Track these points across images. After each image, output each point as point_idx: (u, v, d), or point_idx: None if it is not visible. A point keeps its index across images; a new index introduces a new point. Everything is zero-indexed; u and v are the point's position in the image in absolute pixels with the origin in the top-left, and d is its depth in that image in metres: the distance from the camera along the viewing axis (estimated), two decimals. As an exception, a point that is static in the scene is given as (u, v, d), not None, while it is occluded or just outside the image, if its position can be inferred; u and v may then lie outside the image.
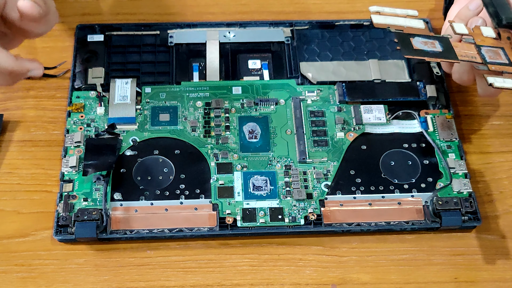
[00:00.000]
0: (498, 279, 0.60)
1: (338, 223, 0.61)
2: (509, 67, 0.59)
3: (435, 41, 0.60)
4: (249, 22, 0.75)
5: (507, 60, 0.60)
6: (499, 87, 0.57)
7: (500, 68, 0.59)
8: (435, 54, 0.59)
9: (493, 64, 0.59)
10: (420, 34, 0.60)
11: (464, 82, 0.64)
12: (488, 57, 0.60)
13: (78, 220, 0.59)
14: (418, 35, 0.60)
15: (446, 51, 0.60)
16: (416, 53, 0.59)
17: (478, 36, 0.61)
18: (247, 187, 0.63)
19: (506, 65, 0.59)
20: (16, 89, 0.69)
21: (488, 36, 0.61)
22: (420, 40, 0.60)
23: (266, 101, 0.68)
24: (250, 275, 0.59)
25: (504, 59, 0.60)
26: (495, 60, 0.60)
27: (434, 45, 0.60)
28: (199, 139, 0.66)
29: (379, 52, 0.72)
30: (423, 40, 0.60)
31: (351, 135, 0.66)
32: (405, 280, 0.59)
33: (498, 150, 0.67)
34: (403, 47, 0.59)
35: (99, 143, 0.64)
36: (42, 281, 0.58)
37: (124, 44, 0.72)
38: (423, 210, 0.62)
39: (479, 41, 0.61)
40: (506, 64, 0.59)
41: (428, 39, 0.60)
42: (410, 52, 0.59)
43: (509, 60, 0.60)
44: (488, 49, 0.60)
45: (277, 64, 0.72)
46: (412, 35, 0.60)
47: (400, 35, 0.60)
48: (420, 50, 0.59)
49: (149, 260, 0.60)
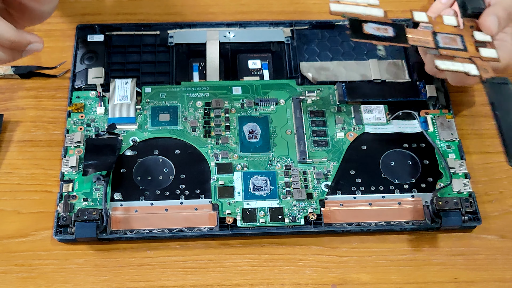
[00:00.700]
0: (498, 279, 0.60)
1: (338, 223, 0.61)
2: (462, 52, 0.60)
3: (389, 27, 0.60)
4: (249, 22, 0.75)
5: (462, 46, 0.60)
6: (443, 69, 0.58)
7: (451, 52, 0.60)
8: (385, 38, 0.60)
9: (445, 49, 0.60)
10: (375, 21, 0.61)
11: (436, 74, 0.65)
12: (442, 42, 0.60)
13: (78, 220, 0.59)
14: (372, 22, 0.61)
15: (398, 36, 0.60)
16: (364, 37, 0.59)
17: (439, 24, 0.62)
18: (247, 187, 0.63)
19: (459, 50, 0.60)
20: (16, 89, 0.69)
21: (449, 24, 0.62)
22: (373, 26, 0.60)
23: (266, 101, 0.68)
24: (250, 275, 0.59)
25: (459, 45, 0.60)
26: (449, 45, 0.60)
27: (387, 31, 0.60)
28: (199, 139, 0.66)
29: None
30: (376, 26, 0.60)
31: (351, 135, 0.66)
32: (405, 280, 0.59)
33: (498, 150, 0.67)
34: (353, 31, 0.59)
35: (99, 143, 0.64)
36: (42, 281, 0.58)
37: (124, 44, 0.72)
38: (423, 210, 0.62)
39: (438, 28, 0.61)
40: (460, 49, 0.60)
41: (382, 25, 0.60)
42: (358, 36, 0.59)
43: (464, 47, 0.60)
44: (445, 36, 0.61)
45: (277, 64, 0.72)
46: (366, 21, 0.60)
47: (352, 21, 0.60)
48: (369, 35, 0.59)
49: (149, 260, 0.60)
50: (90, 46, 0.71)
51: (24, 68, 0.70)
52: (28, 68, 0.70)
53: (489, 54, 0.60)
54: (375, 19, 0.61)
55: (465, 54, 0.60)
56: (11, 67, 0.69)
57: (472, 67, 0.59)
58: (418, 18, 0.62)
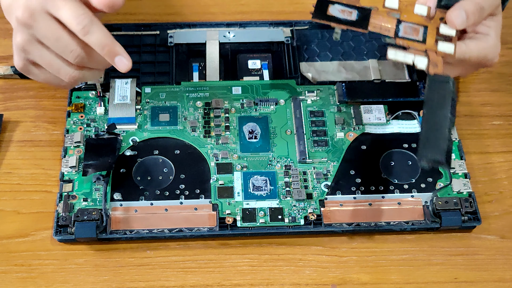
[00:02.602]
0: (498, 279, 0.60)
1: (338, 223, 0.61)
2: (419, 44, 0.60)
3: (354, 11, 0.61)
4: (249, 22, 0.75)
5: (422, 38, 0.60)
6: (391, 59, 0.59)
7: (407, 43, 0.60)
8: (346, 22, 0.60)
9: (403, 39, 0.60)
10: (342, 3, 0.61)
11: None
12: (403, 32, 0.61)
13: (78, 220, 0.59)
14: (339, 3, 0.61)
15: (360, 21, 0.60)
16: (325, 18, 0.60)
17: (407, 12, 0.62)
18: (247, 187, 0.63)
19: (416, 42, 0.60)
20: (16, 89, 0.69)
21: (419, 13, 0.62)
22: (339, 7, 0.61)
23: (266, 101, 0.68)
24: (250, 275, 0.59)
25: (419, 37, 0.60)
26: (409, 36, 0.60)
27: (351, 14, 0.61)
28: (199, 139, 0.66)
29: (379, 52, 0.72)
30: (342, 8, 0.61)
31: (351, 135, 0.66)
32: (405, 280, 0.59)
33: (498, 150, 0.67)
34: (316, 11, 0.60)
35: (99, 143, 0.64)
36: (42, 281, 0.58)
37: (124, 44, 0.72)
38: (423, 210, 0.62)
39: (405, 17, 0.61)
40: (418, 41, 0.60)
41: (348, 8, 0.61)
42: (318, 16, 0.60)
43: (424, 39, 0.60)
44: (409, 26, 0.61)
45: (277, 64, 0.72)
46: (334, 2, 0.61)
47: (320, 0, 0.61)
48: (331, 16, 0.60)
49: (149, 260, 0.60)
50: (90, 46, 0.71)
51: (24, 68, 0.70)
52: (28, 68, 0.70)
53: (445, 48, 0.60)
54: (349, 1, 0.61)
55: (421, 46, 0.60)
56: (11, 67, 0.69)
57: (422, 60, 0.59)
58: (388, 4, 0.62)
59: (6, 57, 0.71)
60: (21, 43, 0.59)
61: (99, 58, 0.58)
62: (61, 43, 0.57)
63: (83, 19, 0.56)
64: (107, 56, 0.58)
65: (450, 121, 0.56)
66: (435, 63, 0.59)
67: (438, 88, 0.57)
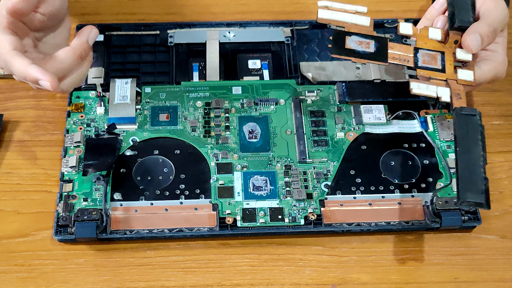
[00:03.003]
0: (498, 279, 0.60)
1: (338, 223, 0.61)
2: (439, 73, 0.61)
3: (371, 41, 0.61)
4: (249, 22, 0.75)
5: (441, 65, 0.61)
6: (416, 93, 0.59)
7: (428, 73, 0.60)
8: (366, 55, 0.60)
9: (423, 69, 0.61)
10: (359, 33, 0.61)
11: None
12: (422, 61, 0.61)
13: (78, 220, 0.59)
14: (356, 34, 0.61)
15: (378, 52, 0.61)
16: (344, 53, 0.60)
17: (422, 38, 0.62)
18: (247, 187, 0.63)
19: (436, 71, 0.60)
20: (16, 89, 0.69)
21: (433, 38, 0.62)
22: (356, 39, 0.61)
23: (266, 101, 0.68)
24: (250, 275, 0.59)
25: (438, 65, 0.61)
26: (428, 65, 0.61)
27: (369, 46, 0.61)
28: (199, 139, 0.66)
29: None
30: (359, 40, 0.61)
31: (351, 135, 0.66)
32: (405, 280, 0.59)
33: (498, 150, 0.67)
34: (334, 45, 0.60)
35: (99, 143, 0.64)
36: (42, 281, 0.58)
37: (124, 44, 0.72)
38: (423, 210, 0.62)
39: (421, 43, 0.62)
40: (438, 70, 0.60)
41: (365, 38, 0.61)
42: (338, 52, 0.60)
43: (443, 66, 0.61)
44: (426, 53, 0.61)
45: (277, 64, 0.72)
46: (350, 33, 0.61)
47: (337, 33, 0.61)
48: (350, 50, 0.60)
49: (149, 260, 0.60)
50: (90, 46, 0.71)
51: (24, 68, 0.70)
52: (28, 68, 0.70)
53: (466, 77, 0.60)
54: (361, 29, 0.61)
55: (442, 76, 0.60)
56: (11, 67, 0.69)
57: (445, 91, 0.59)
58: (403, 30, 0.62)
59: (6, 57, 0.71)
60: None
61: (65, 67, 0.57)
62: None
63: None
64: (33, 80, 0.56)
65: (483, 157, 0.56)
66: (457, 93, 0.59)
67: (466, 122, 0.58)
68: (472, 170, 0.55)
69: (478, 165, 0.56)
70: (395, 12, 0.76)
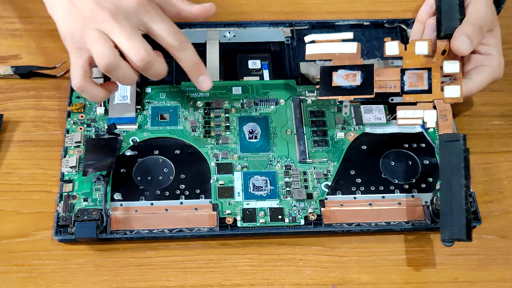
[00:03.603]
0: (498, 279, 0.60)
1: (338, 223, 0.61)
2: (426, 95, 0.61)
3: (357, 72, 0.62)
4: (249, 22, 0.75)
5: (427, 85, 0.61)
6: (401, 124, 0.61)
7: (415, 97, 0.61)
8: (351, 90, 0.62)
9: (409, 94, 0.61)
10: (345, 66, 0.62)
11: None
12: (408, 83, 0.61)
13: (78, 220, 0.59)
14: (343, 67, 0.62)
15: (365, 84, 0.62)
16: (332, 92, 0.62)
17: (409, 56, 0.62)
18: (247, 187, 0.63)
19: (423, 93, 0.61)
20: (16, 89, 0.69)
21: (420, 53, 0.62)
22: (342, 73, 0.62)
23: (266, 101, 0.68)
24: (250, 275, 0.59)
25: (425, 85, 0.61)
26: (414, 87, 0.61)
27: (355, 78, 0.62)
28: (199, 139, 0.66)
29: (379, 52, 0.72)
30: (345, 73, 0.62)
31: (351, 135, 0.66)
32: (405, 280, 0.59)
33: (498, 150, 0.67)
34: (322, 86, 0.62)
35: (99, 143, 0.64)
36: (42, 281, 0.58)
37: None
38: (423, 210, 0.62)
39: (407, 62, 0.62)
40: (424, 91, 0.61)
41: (352, 70, 0.62)
42: (325, 93, 0.62)
43: (429, 86, 0.61)
44: (413, 73, 0.62)
45: (277, 64, 0.72)
46: (337, 67, 0.62)
47: (323, 71, 0.62)
48: (337, 88, 0.62)
49: (149, 260, 0.60)
50: (90, 46, 0.71)
51: (24, 68, 0.70)
52: (28, 68, 0.70)
53: (452, 94, 0.61)
54: (350, 58, 0.62)
55: (428, 98, 0.61)
56: (11, 67, 0.69)
57: (432, 115, 0.60)
58: (389, 51, 0.62)
59: (6, 57, 0.71)
60: (105, 53, 0.58)
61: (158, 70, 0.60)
62: (133, 44, 0.58)
63: (180, 36, 0.60)
64: (193, 73, 0.62)
65: (465, 186, 0.56)
66: (444, 115, 0.59)
67: (449, 150, 0.58)
68: (453, 204, 0.56)
69: (460, 196, 0.56)
70: (394, 12, 0.76)
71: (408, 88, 0.61)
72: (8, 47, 0.72)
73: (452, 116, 0.60)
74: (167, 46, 0.60)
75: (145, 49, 0.58)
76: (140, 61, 0.58)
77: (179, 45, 0.60)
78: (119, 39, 0.58)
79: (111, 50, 0.57)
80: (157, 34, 0.60)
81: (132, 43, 0.58)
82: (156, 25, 0.60)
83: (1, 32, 0.73)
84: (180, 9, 0.63)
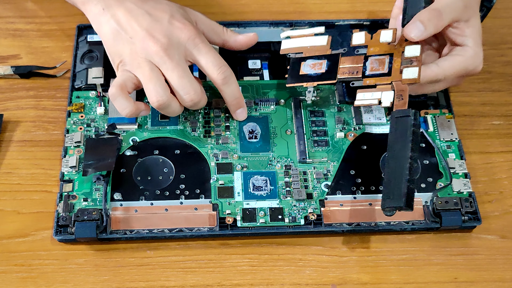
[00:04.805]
0: (498, 279, 0.60)
1: (338, 223, 0.61)
2: (385, 77, 0.61)
3: (324, 61, 0.64)
4: (249, 22, 0.74)
5: (388, 69, 0.61)
6: (358, 105, 0.61)
7: (374, 80, 0.62)
8: (316, 77, 0.64)
9: (369, 77, 0.62)
10: (313, 56, 0.65)
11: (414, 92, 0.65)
12: (370, 68, 0.62)
13: (78, 220, 0.59)
14: (311, 57, 0.65)
15: (329, 71, 0.64)
16: (298, 80, 0.65)
17: (374, 44, 0.63)
18: (247, 187, 0.63)
19: (383, 76, 0.61)
20: (16, 89, 0.69)
21: (384, 41, 0.63)
22: (310, 63, 0.65)
23: (266, 101, 0.68)
24: (250, 275, 0.59)
25: (385, 69, 0.62)
26: (375, 71, 0.62)
27: (321, 67, 0.64)
28: (199, 139, 0.66)
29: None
30: (313, 63, 0.65)
31: (351, 135, 0.66)
32: (405, 280, 0.59)
33: (498, 150, 0.67)
34: (290, 75, 0.65)
35: (99, 143, 0.64)
36: (42, 281, 0.58)
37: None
38: (423, 210, 0.62)
39: (372, 50, 0.63)
40: (384, 74, 0.61)
41: (318, 59, 0.64)
42: (292, 80, 0.65)
43: (389, 69, 0.61)
44: (375, 59, 0.63)
45: (277, 64, 0.72)
46: (305, 58, 0.65)
47: (292, 62, 0.66)
48: (303, 76, 0.64)
49: (149, 260, 0.60)
50: (90, 46, 0.71)
51: (24, 68, 0.70)
52: (28, 68, 0.70)
53: (409, 75, 0.60)
54: (320, 50, 0.65)
55: (387, 80, 0.61)
56: (11, 67, 0.69)
57: (388, 95, 0.60)
58: (355, 41, 0.64)
59: (6, 57, 0.71)
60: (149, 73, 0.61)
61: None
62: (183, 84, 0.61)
63: (226, 70, 0.63)
64: (233, 106, 0.65)
65: (411, 158, 0.56)
66: (400, 95, 0.59)
67: (399, 125, 0.58)
68: (397, 176, 0.56)
69: (404, 168, 0.56)
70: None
71: (370, 72, 0.62)
72: (8, 47, 0.72)
73: (407, 96, 0.60)
74: (213, 78, 0.63)
75: (194, 90, 0.61)
76: (190, 101, 0.62)
77: (224, 79, 0.63)
78: (171, 76, 0.61)
79: (165, 91, 0.60)
80: (204, 66, 0.63)
81: (183, 82, 0.61)
82: (203, 58, 0.62)
83: (1, 32, 0.73)
84: (225, 39, 0.67)
